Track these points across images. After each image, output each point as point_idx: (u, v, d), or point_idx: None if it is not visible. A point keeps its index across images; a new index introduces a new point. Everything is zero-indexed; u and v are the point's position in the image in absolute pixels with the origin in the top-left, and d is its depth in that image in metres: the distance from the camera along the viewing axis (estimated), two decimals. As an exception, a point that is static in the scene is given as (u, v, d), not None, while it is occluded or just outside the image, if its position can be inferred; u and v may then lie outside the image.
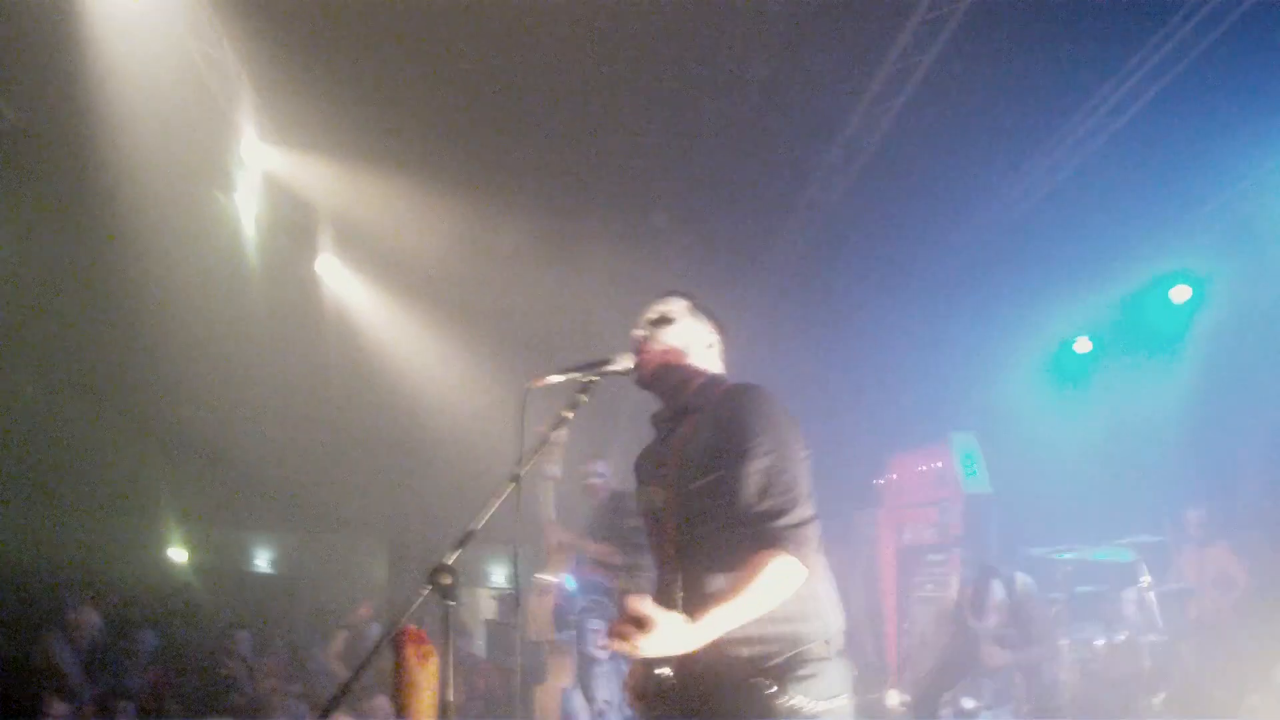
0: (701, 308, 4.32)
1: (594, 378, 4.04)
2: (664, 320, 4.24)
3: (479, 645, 14.12)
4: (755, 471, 3.77)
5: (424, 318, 14.34)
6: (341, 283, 14.54)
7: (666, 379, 4.20)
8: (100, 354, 14.98)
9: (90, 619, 10.29)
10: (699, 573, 3.84)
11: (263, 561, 18.51)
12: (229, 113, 11.96)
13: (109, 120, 11.10)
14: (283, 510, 16.91)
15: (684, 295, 4.35)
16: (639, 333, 4.23)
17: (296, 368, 14.81)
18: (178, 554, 17.56)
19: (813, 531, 3.72)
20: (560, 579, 9.09)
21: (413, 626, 3.67)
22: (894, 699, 12.35)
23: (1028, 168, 11.84)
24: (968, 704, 11.25)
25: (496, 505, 3.61)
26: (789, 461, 3.81)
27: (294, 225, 13.69)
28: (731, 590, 3.60)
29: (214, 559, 17.56)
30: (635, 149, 11.64)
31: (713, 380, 4.20)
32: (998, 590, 9.45)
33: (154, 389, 15.71)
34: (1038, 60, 10.05)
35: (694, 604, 3.63)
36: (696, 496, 3.89)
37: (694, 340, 4.25)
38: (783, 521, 3.70)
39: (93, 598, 11.63)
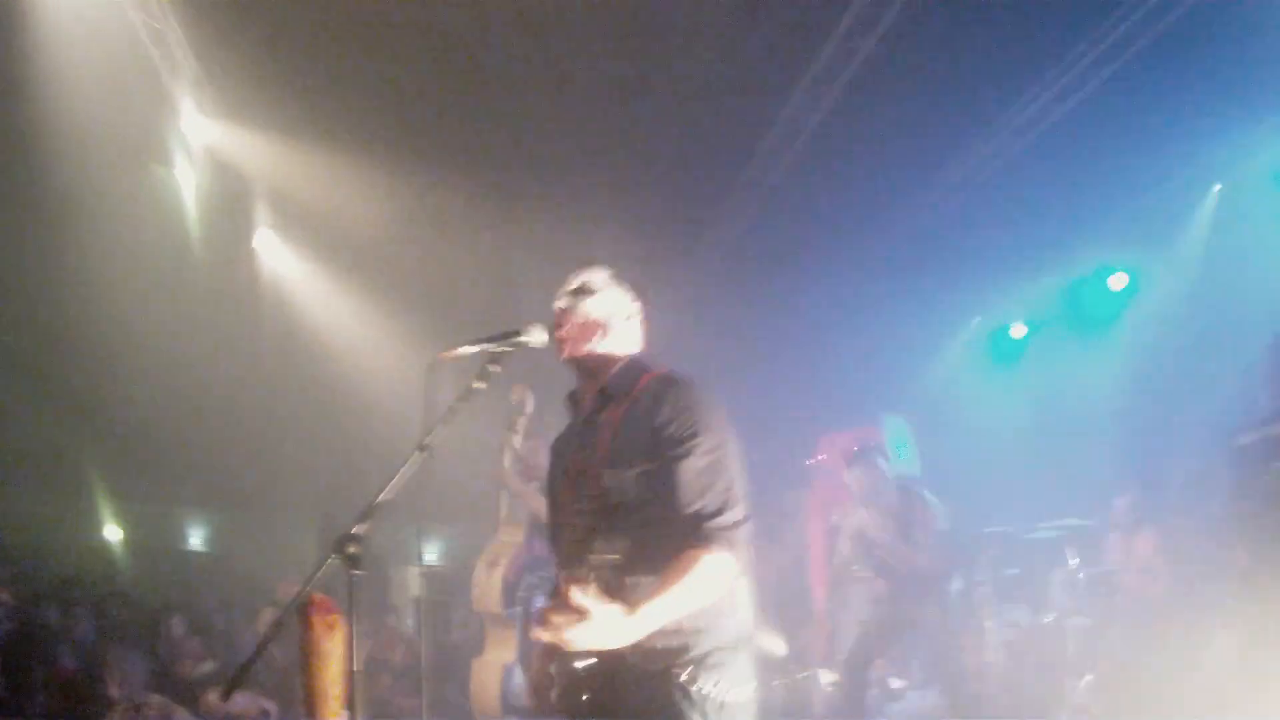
0: (623, 277, 4.29)
1: (505, 349, 4.01)
2: (584, 290, 4.18)
3: (408, 623, 14.08)
4: (693, 470, 3.79)
5: (360, 293, 14.30)
6: (279, 258, 14.48)
7: (586, 355, 4.15)
8: (31, 330, 14.85)
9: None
10: (619, 563, 3.80)
11: (196, 539, 18.43)
12: (169, 85, 11.87)
13: (45, 91, 10.99)
14: (216, 487, 16.82)
15: (605, 265, 4.28)
16: (559, 304, 4.18)
17: (231, 343, 14.72)
18: (111, 532, 17.44)
19: (745, 532, 3.76)
20: (519, 542, 9.08)
21: (319, 595, 3.66)
22: (825, 678, 12.44)
23: (967, 153, 11.88)
24: (895, 683, 11.36)
25: (405, 476, 3.61)
26: (727, 461, 3.85)
27: (233, 200, 13.61)
28: (663, 585, 3.63)
29: (146, 537, 17.45)
30: (573, 125, 11.63)
31: (634, 363, 4.19)
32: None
33: (86, 365, 15.58)
34: (979, 47, 10.09)
35: (611, 594, 3.62)
36: (624, 487, 3.87)
37: (615, 312, 4.20)
38: (719, 521, 3.73)
39: (14, 578, 11.53)
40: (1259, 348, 7.90)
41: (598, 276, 4.24)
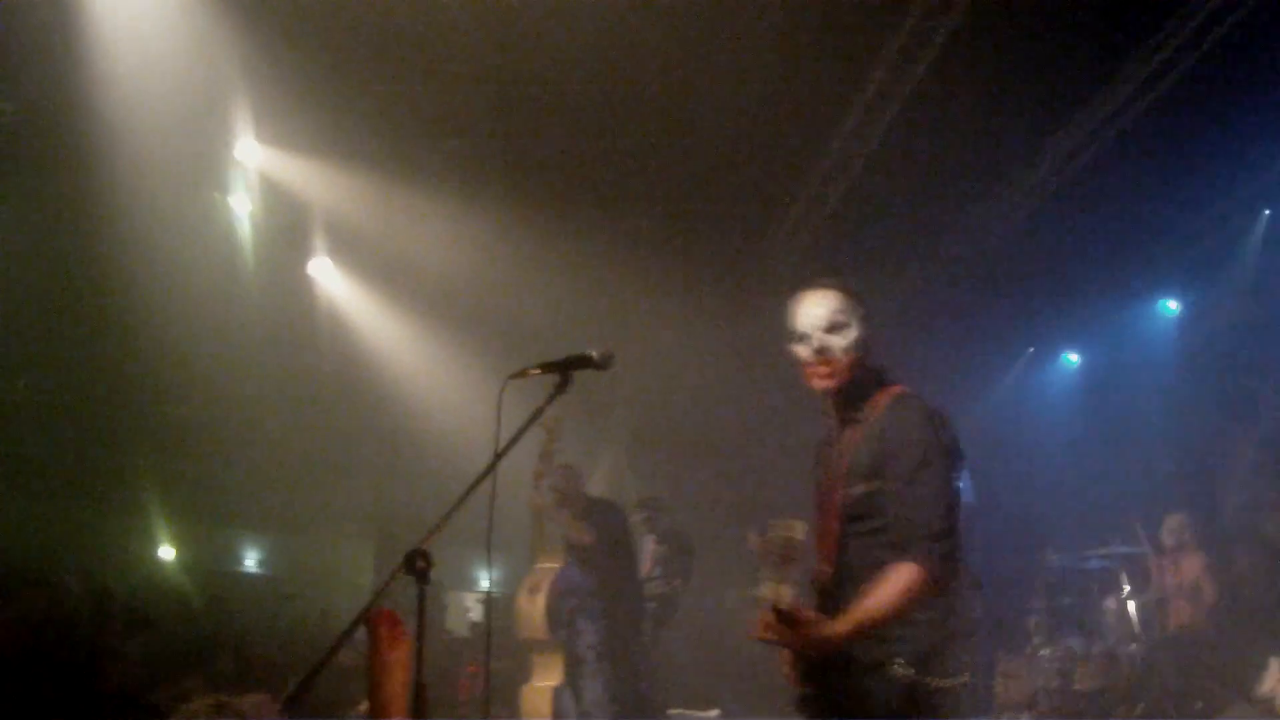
0: (858, 296, 4.39)
1: (570, 372, 4.08)
2: (836, 327, 4.28)
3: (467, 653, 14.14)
4: (912, 492, 4.01)
5: (414, 319, 14.34)
6: (334, 284, 14.58)
7: (845, 386, 4.30)
8: (92, 352, 15.00)
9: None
10: (851, 572, 4.15)
11: (251, 561, 18.53)
12: (226, 112, 12.00)
13: (105, 117, 11.11)
14: (273, 510, 16.90)
15: (837, 287, 4.39)
16: (815, 343, 4.28)
17: (288, 367, 14.83)
18: (166, 552, 17.58)
19: (949, 545, 3.92)
20: (558, 567, 9.18)
21: (386, 608, 3.73)
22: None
23: (1021, 180, 11.88)
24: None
25: (471, 491, 3.67)
26: (940, 482, 4.03)
27: (288, 227, 13.72)
28: (868, 594, 3.91)
29: (203, 558, 17.57)
30: (628, 149, 11.67)
31: (870, 379, 4.32)
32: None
33: (144, 390, 15.74)
34: (1026, 76, 10.11)
35: (848, 599, 4.02)
36: (856, 502, 4.16)
37: (864, 337, 4.31)
38: (925, 536, 3.93)
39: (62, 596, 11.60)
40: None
41: (842, 306, 4.32)
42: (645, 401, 14.96)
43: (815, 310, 4.31)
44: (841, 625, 3.90)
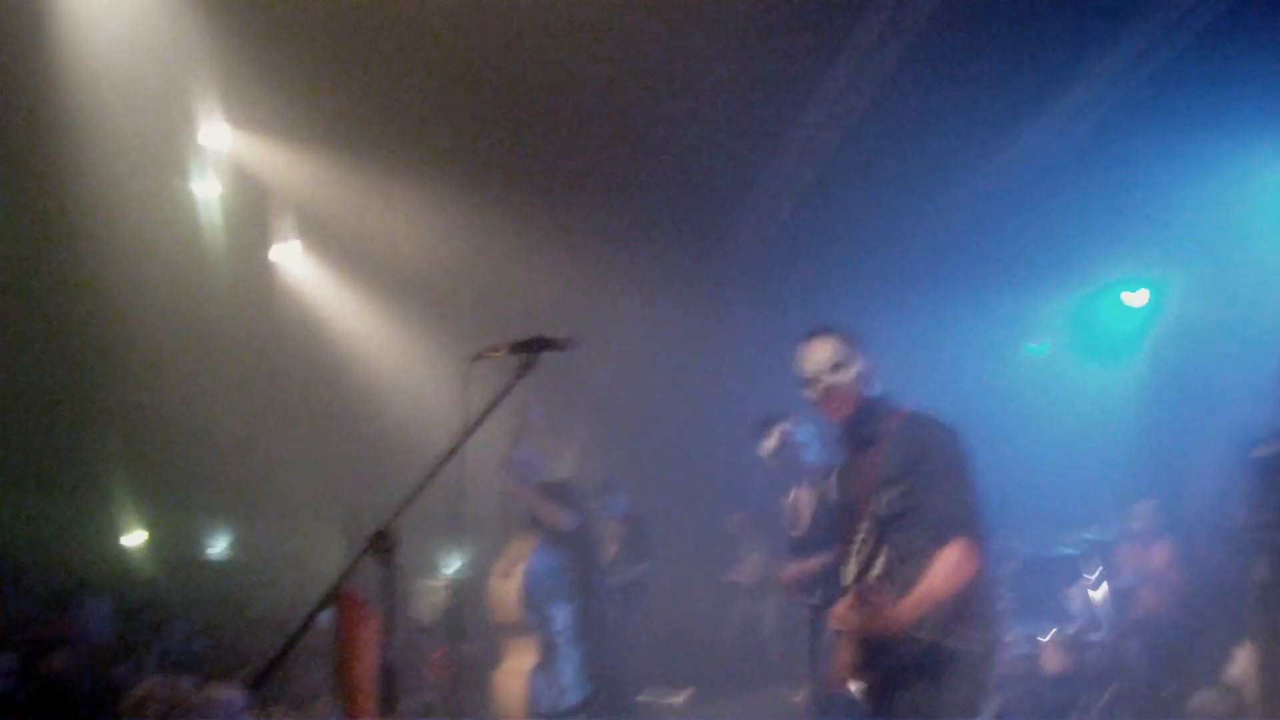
0: (856, 339, 5.38)
1: (536, 355, 4.15)
2: (841, 366, 5.27)
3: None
4: (944, 488, 5.05)
5: (382, 303, 14.31)
6: (300, 268, 14.52)
7: (851, 416, 5.30)
8: (54, 340, 14.91)
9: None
10: (897, 562, 5.11)
11: (219, 548, 18.44)
12: (193, 96, 11.92)
13: (68, 102, 11.04)
14: (240, 496, 16.81)
15: (835, 333, 5.37)
16: (823, 382, 5.28)
17: (253, 352, 14.78)
18: (133, 539, 17.48)
19: (983, 525, 5.02)
20: (531, 549, 9.18)
21: (352, 589, 3.70)
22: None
23: (985, 170, 11.88)
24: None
25: (437, 472, 3.71)
26: (965, 476, 5.10)
27: (254, 211, 13.65)
28: (928, 576, 4.91)
29: (169, 545, 17.48)
30: (595, 127, 11.63)
31: (879, 407, 5.32)
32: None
33: (108, 375, 15.64)
34: (998, 62, 10.11)
35: (897, 585, 5.00)
36: (891, 504, 5.11)
37: (864, 372, 5.31)
38: (964, 519, 4.98)
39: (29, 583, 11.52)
40: (1277, 361, 7.93)
41: (843, 348, 5.33)
42: (610, 386, 14.95)
43: (818, 356, 5.29)
44: (910, 603, 4.87)
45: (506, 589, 9.01)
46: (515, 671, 9.02)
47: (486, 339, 4.22)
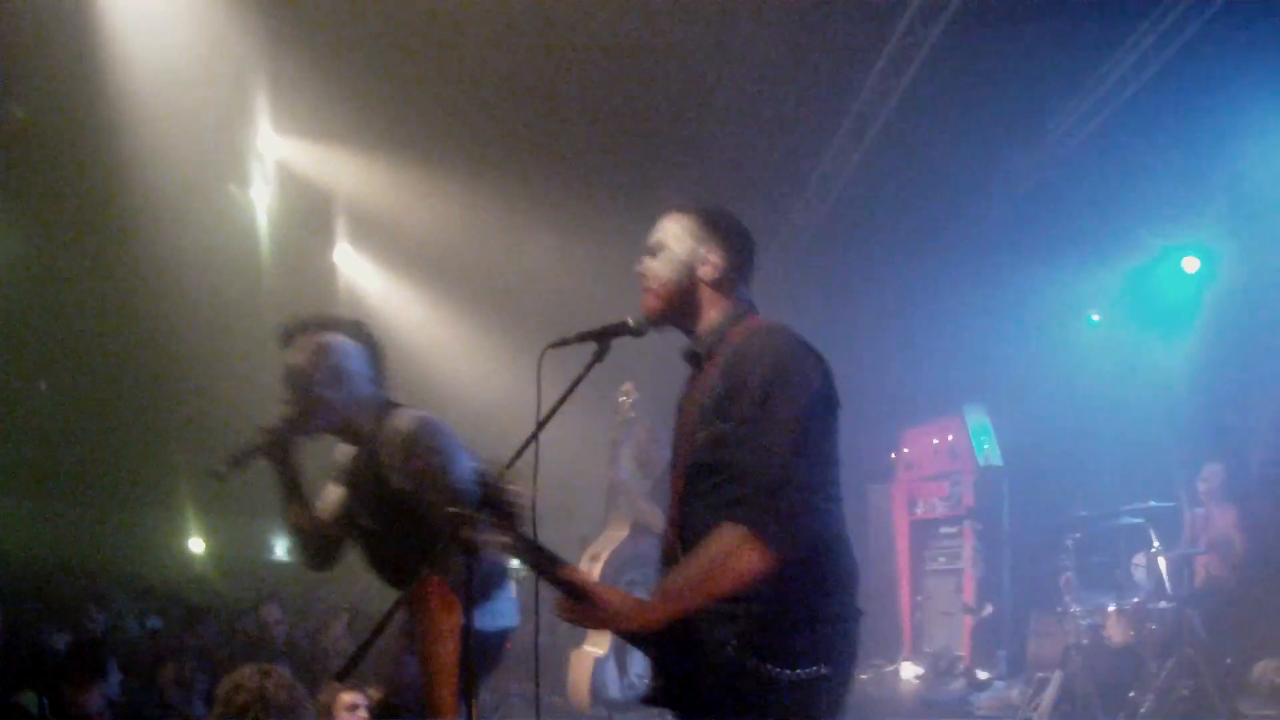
0: (708, 223, 3.80)
1: (608, 340, 3.77)
2: (658, 247, 3.79)
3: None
4: (755, 437, 3.34)
5: (439, 300, 14.39)
6: (358, 271, 14.63)
7: (669, 316, 3.78)
8: (115, 350, 15.10)
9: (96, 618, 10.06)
10: (693, 536, 3.42)
11: (281, 550, 18.60)
12: (244, 105, 12.04)
13: (123, 116, 11.19)
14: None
15: (685, 211, 3.84)
16: (639, 267, 3.81)
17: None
18: (196, 545, 17.70)
19: (791, 502, 3.25)
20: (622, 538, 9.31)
21: (435, 577, 3.78)
22: (909, 671, 12.49)
23: (1037, 140, 11.89)
24: (981, 674, 11.39)
25: (513, 463, 3.55)
26: (785, 421, 3.34)
27: (310, 216, 13.77)
28: (686, 566, 3.37)
29: (233, 549, 17.67)
30: (646, 125, 11.69)
31: (731, 314, 3.72)
32: None
33: (170, 383, 15.82)
34: (1046, 32, 10.12)
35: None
36: (699, 451, 3.50)
37: (697, 264, 3.73)
38: (755, 484, 3.29)
39: (103, 594, 11.62)
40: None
41: (672, 229, 3.82)
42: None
43: (646, 239, 3.85)
44: (655, 605, 3.36)
45: (592, 571, 9.06)
46: (587, 655, 9.13)
47: (547, 328, 4.15)
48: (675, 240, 3.76)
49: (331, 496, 4.88)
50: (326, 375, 4.67)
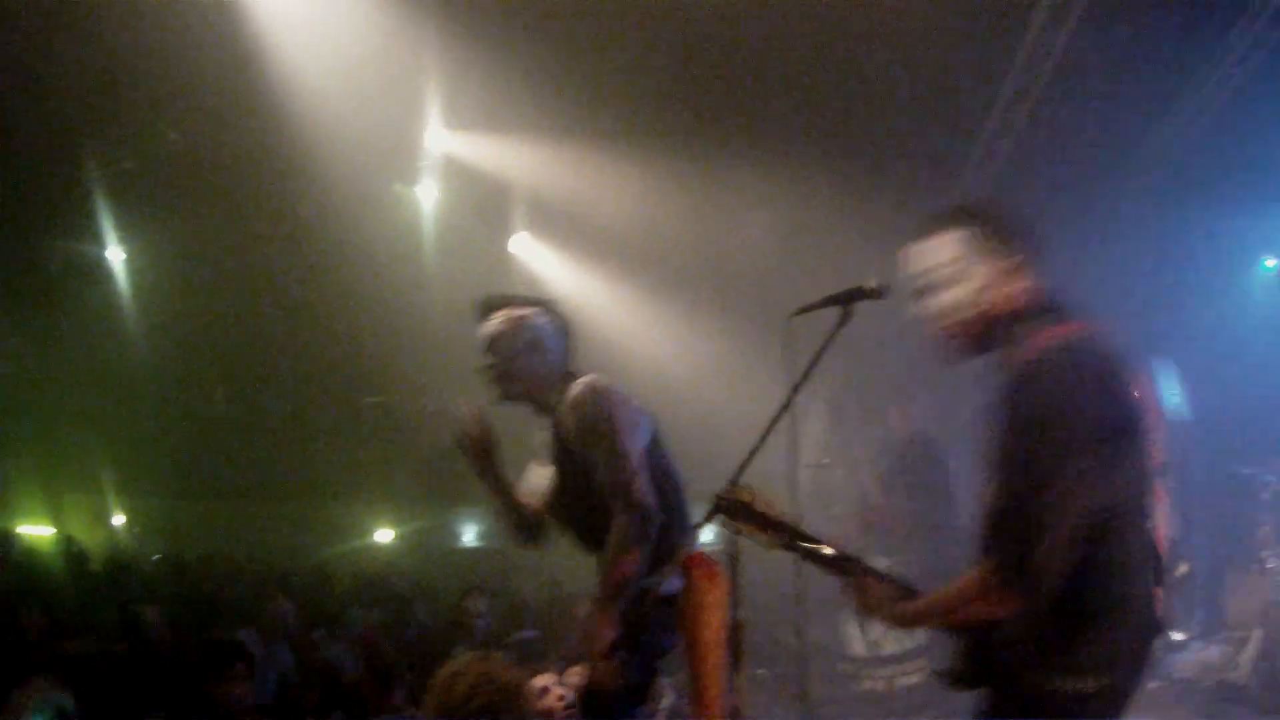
0: (986, 230, 3.59)
1: (852, 304, 3.76)
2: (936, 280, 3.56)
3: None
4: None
5: (622, 283, 14.41)
6: (537, 258, 14.77)
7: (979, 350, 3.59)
8: (295, 353, 15.50)
9: (284, 609, 10.19)
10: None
11: (470, 536, 18.88)
12: (412, 102, 12.22)
13: (289, 125, 11.46)
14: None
15: (954, 224, 3.60)
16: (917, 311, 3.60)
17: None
18: (384, 535, 18.05)
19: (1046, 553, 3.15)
20: None
21: (699, 551, 3.89)
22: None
23: (1203, 85, 11.66)
24: (1176, 636, 11.26)
25: (768, 432, 3.60)
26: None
27: (484, 207, 13.93)
28: (942, 595, 3.45)
29: (424, 538, 17.97)
30: (818, 95, 11.67)
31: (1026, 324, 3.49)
32: None
33: (352, 380, 16.19)
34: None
35: None
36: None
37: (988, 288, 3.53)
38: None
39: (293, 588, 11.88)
40: None
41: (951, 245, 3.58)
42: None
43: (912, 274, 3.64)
44: (905, 613, 3.53)
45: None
46: None
47: (737, 304, 4.19)
48: (954, 265, 3.53)
49: (535, 475, 5.09)
50: (522, 345, 4.93)
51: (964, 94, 12.02)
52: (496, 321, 4.98)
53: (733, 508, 3.52)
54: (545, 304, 5.19)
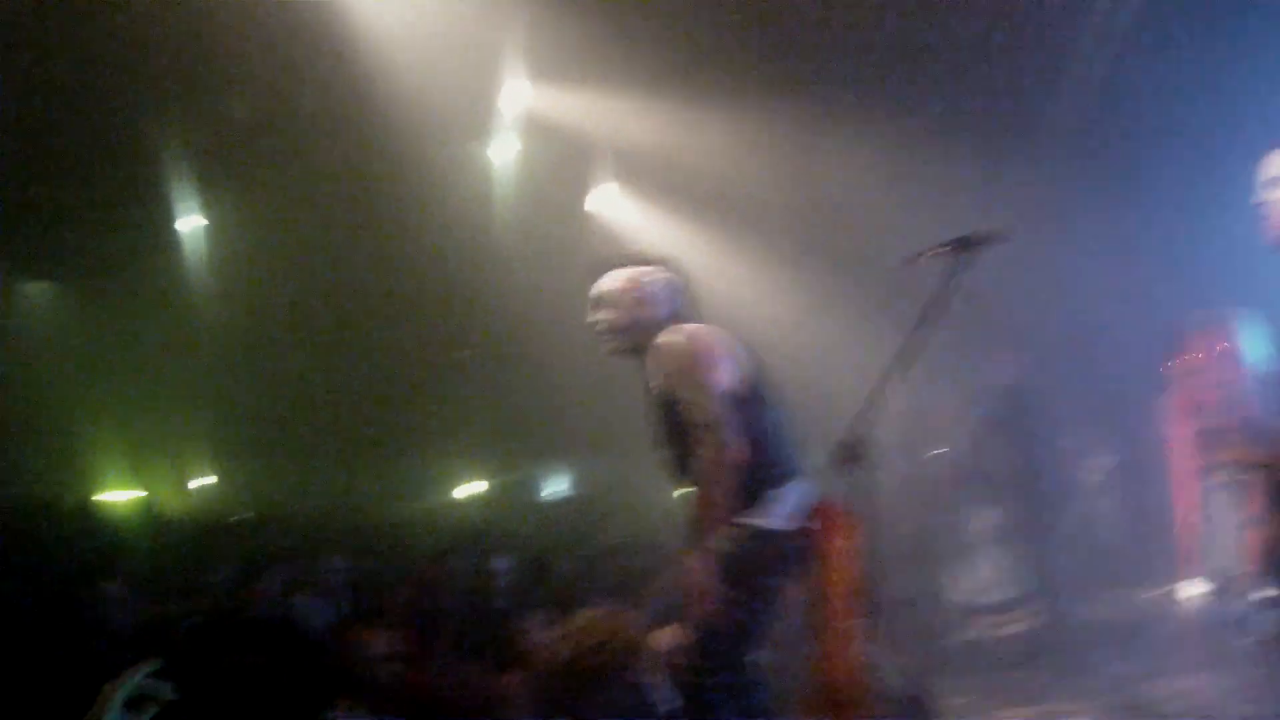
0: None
1: (971, 252, 3.99)
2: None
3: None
4: None
5: (706, 231, 14.31)
6: (619, 211, 14.69)
7: None
8: (374, 316, 15.58)
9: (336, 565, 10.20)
10: None
11: (556, 488, 18.97)
12: (489, 58, 12.18)
13: (362, 85, 11.48)
14: (581, 437, 17.09)
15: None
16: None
17: (578, 302, 15.08)
18: (466, 492, 18.14)
19: None
20: None
21: (830, 500, 3.85)
22: (1187, 591, 12.22)
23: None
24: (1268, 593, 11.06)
25: (891, 378, 3.70)
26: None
27: (564, 162, 13.88)
28: None
29: (505, 491, 18.06)
30: (899, 38, 11.56)
31: None
32: None
33: (435, 338, 16.24)
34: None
35: None
36: None
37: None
38: None
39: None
40: None
41: None
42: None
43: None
44: None
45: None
46: None
47: (826, 253, 4.18)
48: None
49: None
50: (630, 301, 5.10)
51: (1043, 41, 11.85)
52: (608, 279, 5.15)
53: (853, 452, 3.65)
54: (659, 261, 5.32)
